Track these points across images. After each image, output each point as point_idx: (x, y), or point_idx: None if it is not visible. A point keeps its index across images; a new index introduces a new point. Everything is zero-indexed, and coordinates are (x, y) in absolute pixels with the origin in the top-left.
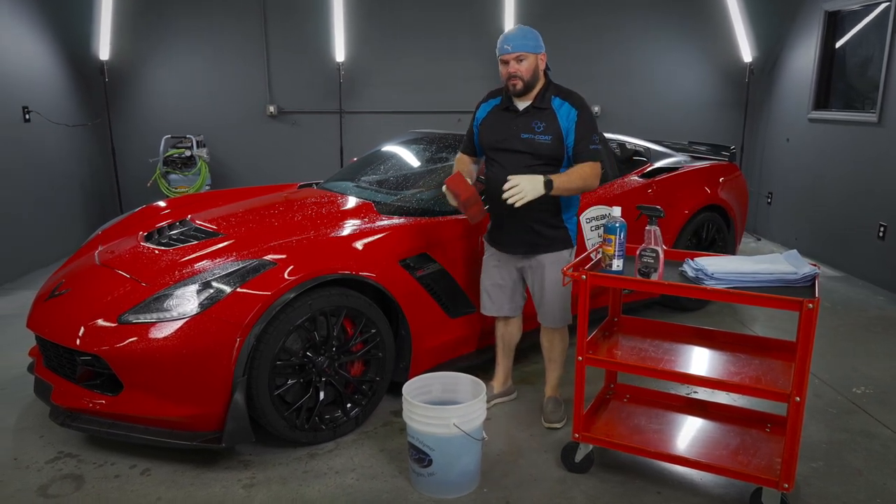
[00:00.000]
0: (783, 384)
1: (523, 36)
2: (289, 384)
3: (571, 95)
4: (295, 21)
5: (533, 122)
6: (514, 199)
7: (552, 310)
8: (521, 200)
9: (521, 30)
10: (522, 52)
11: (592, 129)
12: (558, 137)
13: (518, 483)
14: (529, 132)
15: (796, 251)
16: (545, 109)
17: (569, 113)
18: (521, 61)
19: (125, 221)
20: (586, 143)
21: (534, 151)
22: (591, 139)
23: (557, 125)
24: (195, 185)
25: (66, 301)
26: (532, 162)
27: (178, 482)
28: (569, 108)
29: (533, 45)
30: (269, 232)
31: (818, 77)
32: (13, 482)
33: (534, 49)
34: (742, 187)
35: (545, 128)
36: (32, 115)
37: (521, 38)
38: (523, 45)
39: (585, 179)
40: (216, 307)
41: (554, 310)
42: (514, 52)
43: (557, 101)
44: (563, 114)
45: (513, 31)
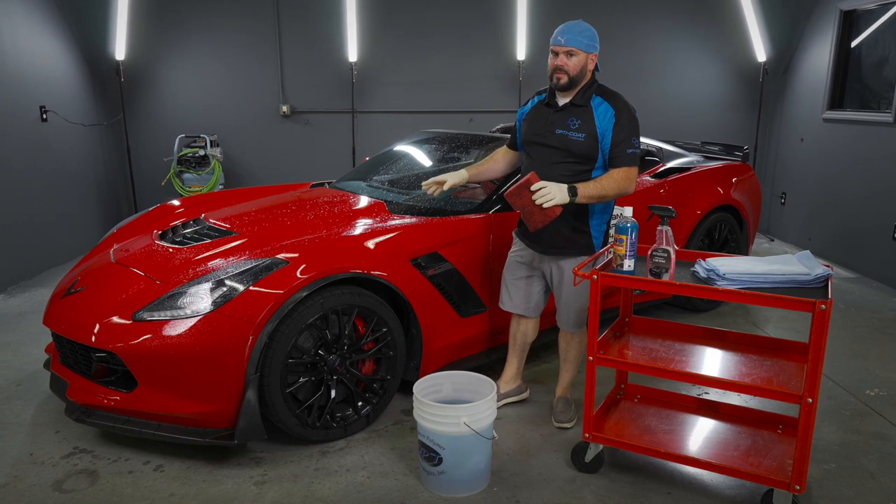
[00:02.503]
0: (795, 385)
1: (580, 32)
2: (300, 382)
3: (614, 97)
4: (308, 21)
5: (569, 119)
6: (543, 199)
7: (569, 314)
8: (550, 202)
9: (578, 24)
10: (574, 48)
11: (631, 133)
12: (593, 136)
13: (528, 482)
14: (564, 128)
15: (809, 252)
16: (583, 107)
17: (606, 113)
18: (570, 56)
19: (140, 220)
20: (623, 147)
21: (566, 148)
22: (629, 143)
23: (593, 125)
24: (209, 184)
25: (82, 298)
26: (563, 158)
27: (191, 478)
28: (607, 108)
29: (587, 44)
30: (281, 231)
31: (833, 77)
32: (29, 477)
33: (587, 47)
34: (755, 188)
35: (580, 125)
36: (50, 114)
37: (577, 34)
38: (577, 41)
39: (617, 187)
40: (229, 305)
41: (570, 314)
42: (565, 46)
43: (597, 101)
44: (600, 113)
45: (570, 24)
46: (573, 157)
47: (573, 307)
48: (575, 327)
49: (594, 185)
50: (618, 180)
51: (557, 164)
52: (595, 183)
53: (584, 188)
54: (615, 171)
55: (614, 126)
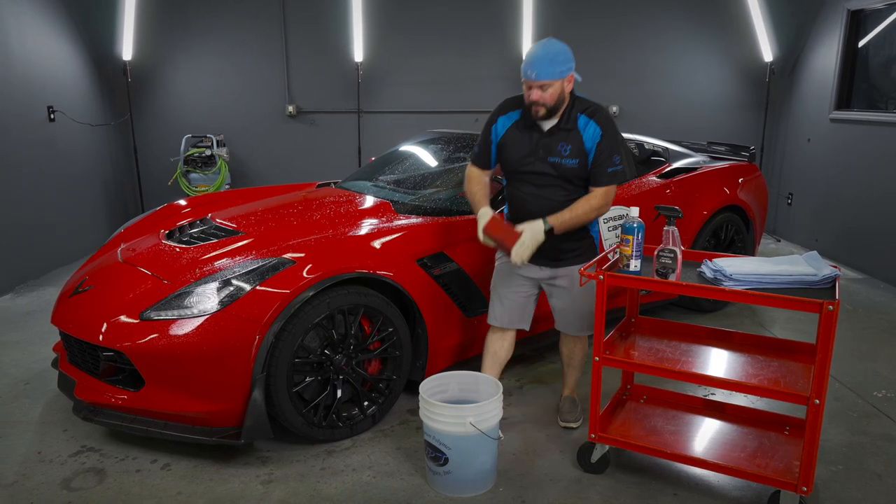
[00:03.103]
0: (802, 386)
1: (550, 61)
2: (307, 381)
3: (598, 113)
4: (314, 22)
5: (559, 145)
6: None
7: (579, 318)
8: (527, 257)
9: (546, 53)
10: (547, 81)
11: (614, 151)
12: (585, 159)
13: (534, 483)
14: (556, 155)
15: (816, 252)
16: (571, 130)
17: (595, 133)
18: (545, 89)
19: (147, 220)
20: (605, 167)
21: (561, 175)
22: (611, 161)
23: (583, 147)
24: (215, 183)
25: (90, 298)
26: (555, 183)
27: (198, 477)
28: (595, 127)
29: (560, 71)
30: (288, 231)
31: (840, 77)
32: (37, 475)
33: (560, 75)
34: (762, 188)
35: (571, 150)
36: (57, 114)
37: (547, 64)
38: (548, 73)
39: (593, 210)
40: (236, 305)
41: (581, 318)
42: (537, 81)
43: (583, 120)
44: (588, 134)
45: (538, 55)
46: (568, 182)
47: (586, 311)
48: (586, 330)
49: (569, 216)
50: (593, 204)
51: (550, 188)
52: (570, 212)
53: (559, 223)
54: (592, 193)
55: (598, 145)
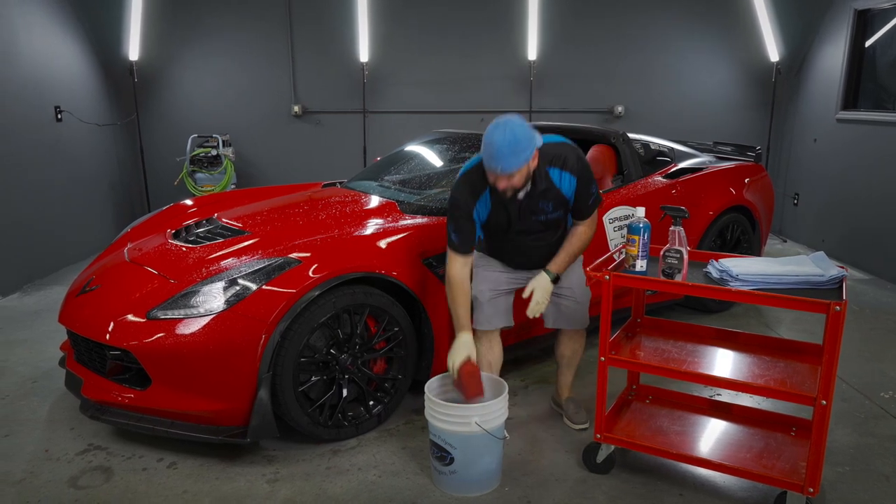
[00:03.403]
0: (809, 387)
1: (511, 152)
2: (312, 381)
3: (566, 159)
4: (320, 22)
5: (541, 204)
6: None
7: (582, 310)
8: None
9: (507, 144)
10: (513, 171)
11: (590, 184)
12: (568, 205)
13: (539, 483)
14: (540, 213)
15: (823, 253)
16: (548, 188)
17: (570, 181)
18: (512, 177)
19: (153, 219)
20: (586, 201)
21: (549, 224)
22: (590, 193)
23: (562, 196)
24: (221, 183)
25: (97, 297)
26: (549, 230)
27: (204, 476)
28: (568, 177)
29: (524, 158)
30: (294, 230)
31: (847, 77)
32: (44, 473)
33: (525, 160)
34: (768, 188)
35: (554, 205)
36: (64, 114)
37: (510, 156)
38: (514, 164)
39: (586, 242)
40: (242, 304)
41: (584, 310)
42: (504, 173)
43: (556, 173)
44: (565, 186)
45: (500, 148)
46: (551, 228)
47: (586, 301)
48: (587, 322)
49: (567, 258)
50: (584, 237)
51: (541, 235)
52: (566, 254)
53: (561, 267)
54: (581, 226)
55: (577, 188)
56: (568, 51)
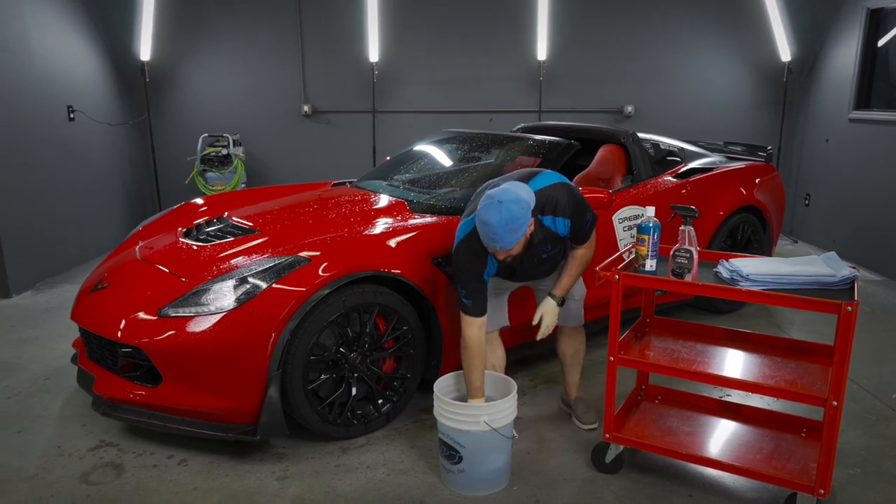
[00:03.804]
0: (820, 388)
1: (508, 230)
2: (322, 379)
3: (556, 205)
4: (330, 22)
5: (540, 248)
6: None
7: (576, 307)
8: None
9: (503, 224)
10: (510, 247)
11: (584, 214)
12: (564, 242)
13: (548, 482)
14: (542, 254)
15: (835, 253)
16: (544, 235)
17: (564, 225)
18: (513, 249)
19: (164, 218)
20: (583, 229)
21: (549, 258)
22: (584, 223)
23: (561, 237)
24: (231, 182)
25: (109, 294)
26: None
27: (214, 473)
28: (562, 221)
29: (519, 235)
30: (303, 229)
31: (859, 76)
32: (56, 469)
33: (521, 236)
34: (779, 188)
35: (552, 245)
36: (77, 114)
37: (508, 235)
38: (512, 241)
39: (586, 264)
40: (252, 302)
41: (578, 307)
42: (504, 250)
43: (549, 220)
44: (560, 228)
45: (496, 228)
46: (553, 258)
47: (580, 300)
48: (580, 320)
49: (569, 280)
50: (583, 259)
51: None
52: (569, 277)
53: (563, 290)
54: (582, 249)
55: (572, 226)
56: (578, 50)
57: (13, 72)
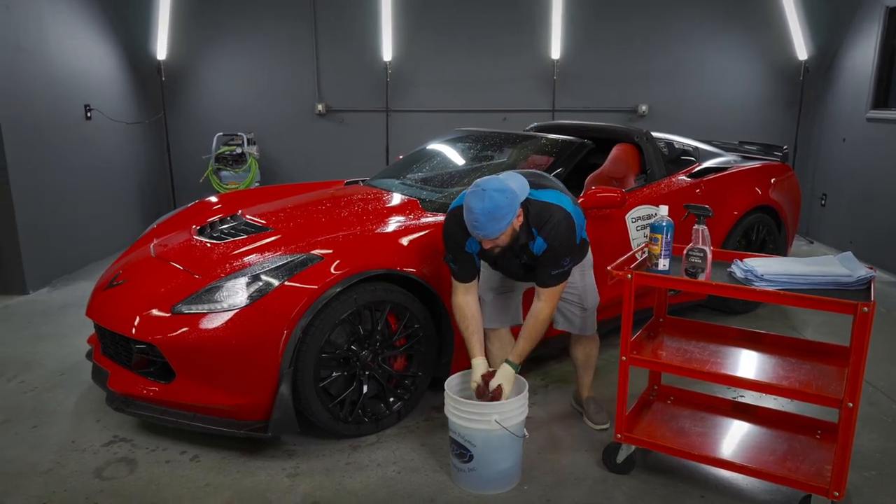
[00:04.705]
0: (835, 390)
1: (491, 219)
2: (333, 377)
3: (545, 225)
4: (344, 21)
5: (520, 255)
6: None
7: (588, 317)
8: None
9: (487, 212)
10: (496, 237)
11: (561, 256)
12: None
13: (558, 482)
14: (521, 258)
15: (851, 253)
16: (525, 244)
17: (541, 245)
18: (496, 238)
19: (179, 216)
20: (549, 269)
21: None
22: (558, 264)
23: (535, 255)
24: (245, 181)
25: (123, 291)
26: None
27: (226, 469)
28: (541, 241)
29: (505, 225)
30: (316, 227)
31: (878, 75)
32: (70, 463)
33: (507, 226)
34: (795, 188)
35: (529, 257)
36: (94, 112)
37: (492, 225)
38: (495, 230)
39: (543, 325)
40: (265, 299)
41: (589, 316)
42: (487, 240)
43: (535, 232)
44: (536, 246)
45: (479, 216)
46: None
47: (592, 310)
48: (592, 329)
49: (527, 345)
50: (540, 317)
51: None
52: (525, 342)
53: (520, 354)
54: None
55: (544, 253)
56: (591, 50)
57: (32, 71)
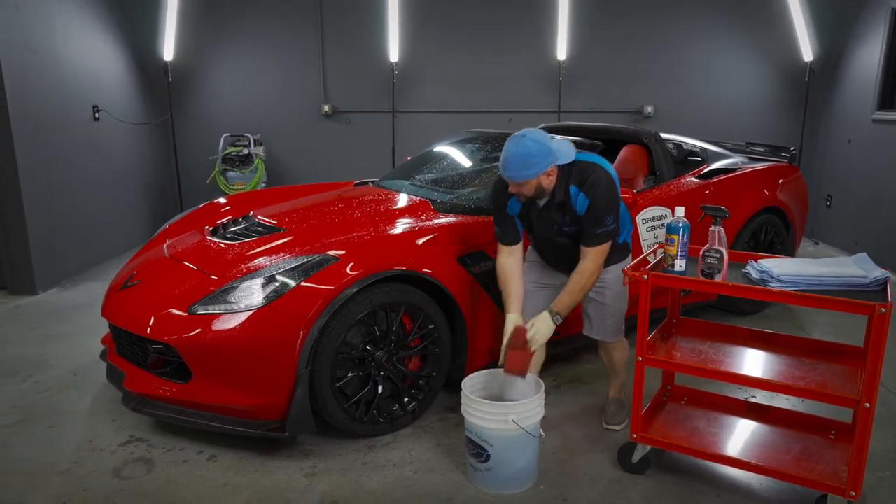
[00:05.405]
0: (850, 390)
1: (521, 164)
2: (349, 377)
3: (586, 182)
4: (350, 22)
5: (561, 217)
6: (536, 345)
7: (614, 323)
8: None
9: (517, 156)
10: (521, 181)
11: (604, 213)
12: (580, 223)
13: (574, 482)
14: (559, 225)
15: (866, 254)
16: (565, 203)
17: (583, 203)
18: (521, 185)
19: (190, 217)
20: (594, 228)
21: (569, 237)
22: (599, 223)
23: (577, 216)
24: (252, 182)
25: (139, 292)
26: (571, 242)
27: (244, 469)
28: (583, 197)
29: (532, 173)
30: (329, 228)
31: (883, 76)
32: (89, 463)
33: (534, 174)
34: (802, 189)
35: (570, 220)
36: (102, 113)
37: (518, 168)
38: (520, 176)
39: (587, 279)
40: (281, 300)
41: (616, 323)
42: (512, 182)
43: (574, 190)
44: (579, 203)
45: (509, 158)
46: (571, 237)
47: (620, 314)
48: (616, 335)
49: (570, 299)
50: (585, 273)
51: (566, 246)
52: (568, 295)
53: (562, 306)
54: (583, 261)
55: (586, 213)
56: (597, 51)
57: (41, 72)
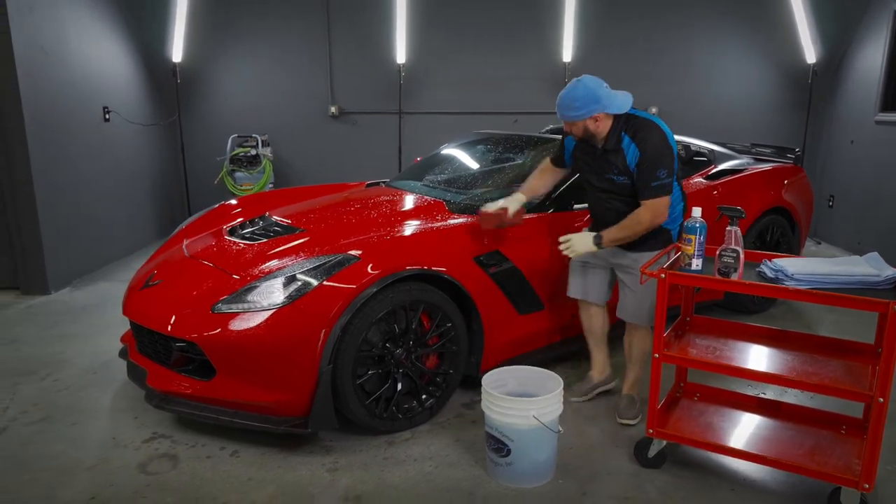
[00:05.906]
0: (864, 385)
1: (569, 106)
2: (368, 374)
3: (639, 132)
4: (357, 24)
5: (610, 163)
6: (567, 252)
7: (638, 306)
8: (573, 254)
9: (567, 97)
10: (571, 121)
11: (657, 166)
12: (631, 176)
13: (592, 476)
14: (608, 172)
15: (877, 253)
16: (617, 151)
17: (634, 153)
18: (572, 125)
19: (206, 217)
20: (648, 181)
21: (615, 190)
22: (653, 176)
23: (627, 165)
24: (259, 183)
25: (161, 291)
26: (614, 197)
27: (267, 464)
28: (634, 148)
29: (580, 114)
30: (347, 228)
31: (886, 78)
32: (115, 459)
33: (582, 116)
34: (807, 190)
35: (619, 170)
36: (112, 115)
37: (567, 109)
38: (570, 115)
39: (639, 224)
40: (303, 299)
41: (640, 306)
42: (563, 120)
43: (627, 141)
44: (630, 154)
45: (561, 98)
46: (621, 195)
47: (647, 300)
48: (642, 320)
49: (618, 230)
50: (639, 218)
51: (610, 200)
52: (618, 228)
53: (608, 234)
54: (640, 208)
55: (638, 164)
56: (603, 52)
57: (52, 73)
